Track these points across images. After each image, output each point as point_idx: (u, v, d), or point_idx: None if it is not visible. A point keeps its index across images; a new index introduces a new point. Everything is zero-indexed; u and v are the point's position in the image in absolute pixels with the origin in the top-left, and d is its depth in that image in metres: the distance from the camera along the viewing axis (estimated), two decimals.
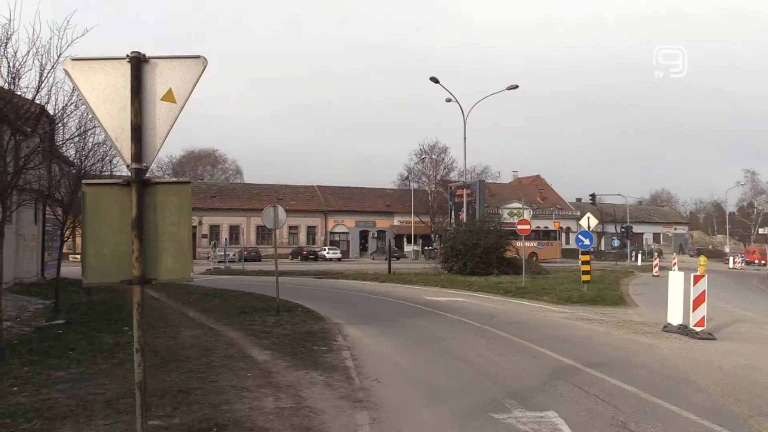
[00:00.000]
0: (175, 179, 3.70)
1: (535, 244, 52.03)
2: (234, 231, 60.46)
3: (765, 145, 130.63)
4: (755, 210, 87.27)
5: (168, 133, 3.60)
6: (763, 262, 49.41)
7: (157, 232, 3.54)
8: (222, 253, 43.93)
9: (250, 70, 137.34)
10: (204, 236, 57.67)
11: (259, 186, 66.81)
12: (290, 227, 61.21)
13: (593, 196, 61.85)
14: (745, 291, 25.27)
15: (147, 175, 3.60)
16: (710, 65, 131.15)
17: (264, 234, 59.86)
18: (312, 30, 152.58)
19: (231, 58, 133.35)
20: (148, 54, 3.56)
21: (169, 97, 3.58)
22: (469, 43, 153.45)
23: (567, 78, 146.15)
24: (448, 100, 34.30)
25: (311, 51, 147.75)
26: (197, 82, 3.64)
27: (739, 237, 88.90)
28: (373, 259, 59.11)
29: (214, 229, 59.18)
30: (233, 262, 45.47)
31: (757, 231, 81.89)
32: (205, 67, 3.63)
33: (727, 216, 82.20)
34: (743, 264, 51.85)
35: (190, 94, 3.62)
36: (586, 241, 20.20)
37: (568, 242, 69.63)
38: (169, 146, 78.96)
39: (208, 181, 73.88)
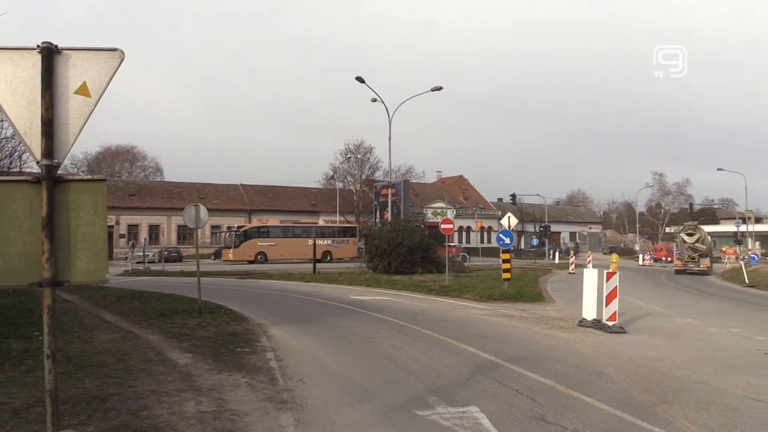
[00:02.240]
0: (89, 176, 3.55)
1: (329, 242, 50.95)
2: (154, 231, 58.52)
3: (672, 148, 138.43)
4: (662, 210, 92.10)
5: (82, 129, 3.45)
6: (669, 259, 52.26)
7: (69, 232, 3.39)
8: (141, 254, 42.48)
9: (171, 66, 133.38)
10: (122, 236, 55.55)
11: (181, 184, 64.96)
12: (213, 227, 59.89)
13: (513, 196, 63.66)
14: (653, 287, 26.66)
15: (59, 171, 3.43)
16: (622, 69, 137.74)
17: (185, 234, 58.33)
18: (235, 26, 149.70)
19: (151, 52, 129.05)
20: (60, 45, 3.41)
21: (83, 90, 3.43)
22: (395, 44, 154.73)
23: (488, 80, 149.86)
24: (374, 100, 34.46)
25: (234, 48, 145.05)
26: (113, 75, 3.50)
27: (648, 235, 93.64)
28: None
29: (133, 229, 57.07)
30: (153, 262, 44.00)
31: (664, 230, 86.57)
32: (122, 60, 3.50)
33: (637, 215, 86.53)
34: (652, 261, 54.82)
35: (105, 88, 3.49)
36: (507, 240, 20.78)
37: (489, 241, 71.51)
38: (85, 142, 75.70)
39: (126, 179, 71.16)
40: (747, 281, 28.35)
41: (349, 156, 67.10)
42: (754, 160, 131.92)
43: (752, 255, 41.61)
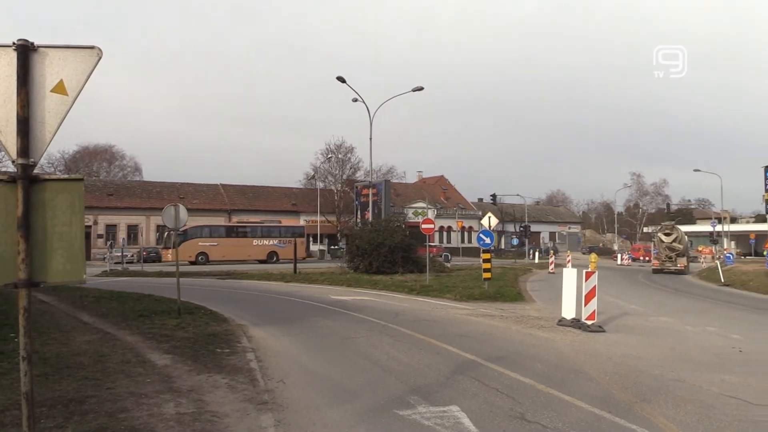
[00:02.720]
0: (66, 176, 3.51)
1: (276, 242, 49.30)
2: (132, 231, 57.85)
3: (649, 148, 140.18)
4: (640, 210, 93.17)
5: (59, 127, 3.41)
6: (647, 258, 52.90)
7: (46, 232, 3.35)
8: (119, 254, 41.98)
9: (149, 64, 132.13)
10: (100, 236, 54.87)
11: (160, 184, 64.35)
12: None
13: (494, 196, 64.04)
14: (631, 286, 26.96)
15: (35, 171, 3.39)
16: (601, 72, 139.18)
17: (164, 234, 57.79)
18: (216, 25, 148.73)
19: (131, 51, 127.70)
20: (37, 42, 3.36)
21: (60, 88, 3.39)
22: (376, 44, 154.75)
23: (470, 81, 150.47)
24: (355, 100, 34.44)
25: (215, 47, 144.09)
26: (91, 74, 3.47)
27: (627, 235, 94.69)
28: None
29: (111, 229, 56.36)
30: (131, 263, 43.55)
31: (642, 230, 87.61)
32: (100, 58, 3.47)
33: (615, 216, 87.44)
34: (630, 261, 55.36)
35: (83, 86, 3.45)
36: (487, 240, 20.86)
37: (470, 241, 71.82)
38: (62, 141, 74.52)
39: (104, 179, 70.22)
40: (723, 280, 28.77)
41: (330, 156, 67.02)
42: (730, 161, 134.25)
43: (728, 254, 42.22)
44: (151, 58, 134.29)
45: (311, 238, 65.36)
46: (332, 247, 62.10)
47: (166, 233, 49.01)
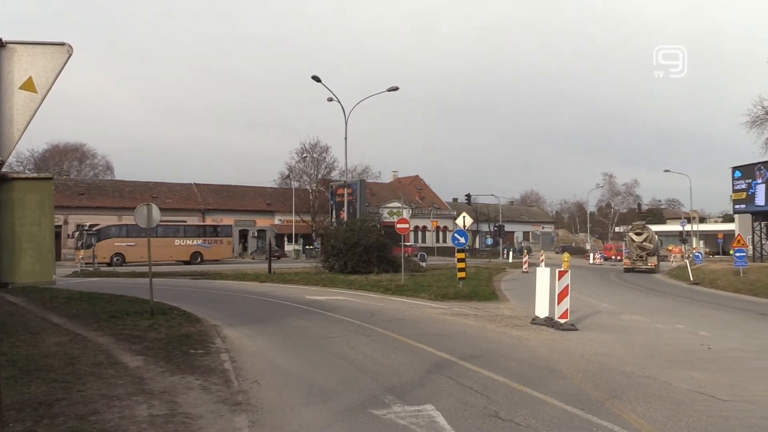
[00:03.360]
0: (35, 175, 3.45)
1: (200, 242, 47.04)
2: None
3: (621, 149, 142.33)
4: (612, 210, 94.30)
5: (27, 125, 3.35)
6: (618, 258, 53.63)
7: (14, 232, 3.28)
8: (90, 254, 41.25)
9: (121, 62, 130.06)
10: (70, 236, 53.93)
11: (132, 183, 63.45)
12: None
13: (468, 196, 64.38)
14: (603, 285, 27.34)
15: (3, 169, 3.33)
16: (575, 72, 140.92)
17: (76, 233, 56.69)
18: (189, 23, 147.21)
19: (101, 48, 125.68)
20: (5, 38, 3.30)
21: (29, 85, 3.33)
22: (352, 44, 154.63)
23: (445, 82, 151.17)
24: (330, 100, 34.38)
25: (188, 45, 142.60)
26: (61, 71, 3.41)
27: (599, 235, 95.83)
28: (254, 258, 58.08)
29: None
30: (103, 263, 42.86)
31: (614, 229, 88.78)
32: (71, 55, 3.41)
33: (588, 215, 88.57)
34: (602, 260, 56.16)
35: (53, 83, 3.39)
36: (462, 240, 20.96)
37: (445, 240, 72.14)
38: (31, 139, 72.94)
39: (75, 178, 68.99)
40: (692, 279, 29.31)
41: (305, 155, 66.81)
42: (699, 162, 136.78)
43: (696, 253, 43.00)
44: (124, 56, 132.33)
45: (286, 238, 65.10)
46: (307, 246, 61.89)
47: (78, 232, 46.16)
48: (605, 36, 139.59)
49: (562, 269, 12.37)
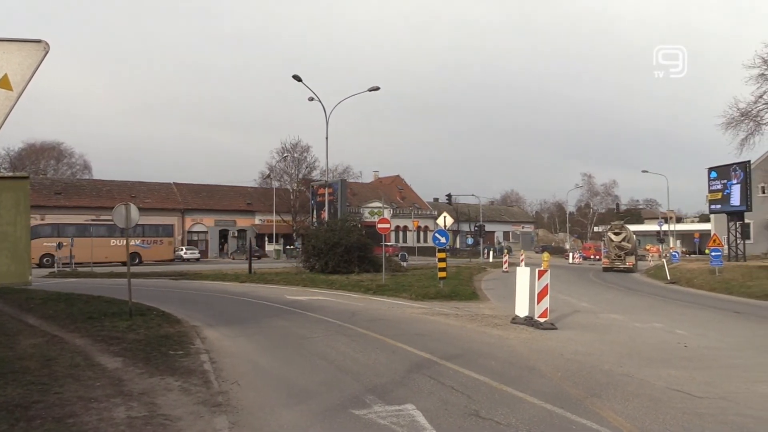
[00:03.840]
0: (11, 174, 3.40)
1: (138, 242, 44.23)
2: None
3: (600, 150, 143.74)
4: (591, 210, 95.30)
5: (3, 123, 3.30)
6: (597, 257, 54.18)
7: None
8: (68, 255, 40.68)
9: (99, 60, 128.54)
10: None
11: (110, 183, 62.78)
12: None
13: (449, 196, 64.55)
14: (582, 284, 27.58)
15: None
16: (555, 72, 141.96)
17: None
18: (170, 21, 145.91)
19: (79, 46, 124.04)
20: None
21: (4, 83, 3.28)
22: (334, 43, 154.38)
23: (425, 82, 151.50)
24: (311, 99, 34.27)
25: (168, 43, 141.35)
26: (37, 68, 3.36)
27: (578, 234, 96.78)
28: (234, 258, 57.82)
29: None
30: (81, 264, 42.29)
31: (593, 229, 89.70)
32: (47, 52, 3.37)
33: (567, 215, 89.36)
34: (581, 259, 56.70)
35: (29, 81, 3.34)
36: (443, 240, 21.02)
37: (426, 240, 72.32)
38: (7, 137, 72.08)
39: (52, 177, 68.01)
40: (669, 278, 29.71)
41: (285, 155, 66.63)
42: (676, 163, 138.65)
43: (674, 253, 43.58)
44: (102, 54, 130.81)
45: (266, 238, 64.79)
46: (288, 246, 61.72)
47: None
48: (585, 35, 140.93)
49: (542, 269, 12.45)
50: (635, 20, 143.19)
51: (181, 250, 55.72)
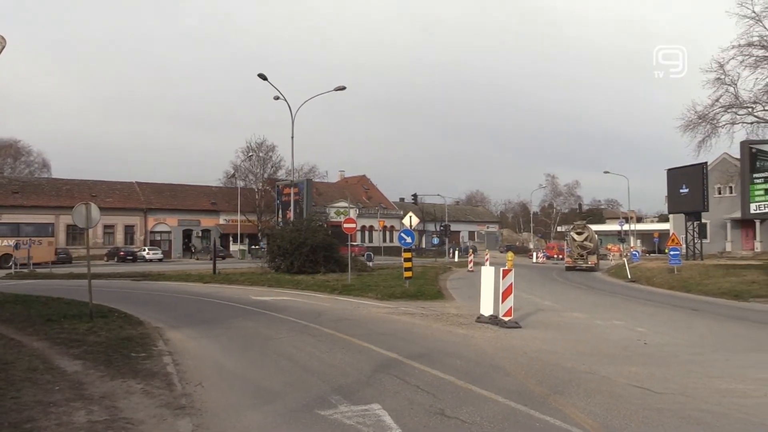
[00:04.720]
0: None
1: (12, 242, 39.27)
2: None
3: (563, 151, 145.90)
4: (554, 210, 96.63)
5: None
6: (560, 256, 55.00)
7: None
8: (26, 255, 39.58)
9: (57, 56, 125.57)
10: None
11: (70, 181, 61.28)
12: (106, 226, 57.06)
13: (415, 196, 64.90)
14: (546, 283, 27.97)
15: None
16: (522, 73, 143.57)
17: (75, 234, 55.00)
18: (130, 17, 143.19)
19: (37, 40, 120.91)
20: None
21: None
22: (300, 43, 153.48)
23: (391, 82, 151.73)
24: (276, 98, 34.01)
25: (129, 40, 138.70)
26: None
27: (542, 234, 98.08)
28: (198, 259, 57.08)
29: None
30: (39, 264, 41.23)
31: (556, 229, 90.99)
32: (4, 47, 3.29)
33: (531, 215, 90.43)
34: (545, 259, 57.46)
35: None
36: (408, 239, 21.10)
37: (391, 240, 72.46)
38: None
39: (8, 175, 66.12)
40: (629, 277, 30.34)
41: (250, 154, 66.04)
42: (637, 164, 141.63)
43: (634, 252, 44.50)
44: (63, 50, 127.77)
45: (231, 238, 64.12)
46: (253, 246, 61.21)
47: None
48: (548, 34, 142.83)
49: (506, 268, 12.58)
50: (595, 20, 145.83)
51: (144, 250, 54.82)
